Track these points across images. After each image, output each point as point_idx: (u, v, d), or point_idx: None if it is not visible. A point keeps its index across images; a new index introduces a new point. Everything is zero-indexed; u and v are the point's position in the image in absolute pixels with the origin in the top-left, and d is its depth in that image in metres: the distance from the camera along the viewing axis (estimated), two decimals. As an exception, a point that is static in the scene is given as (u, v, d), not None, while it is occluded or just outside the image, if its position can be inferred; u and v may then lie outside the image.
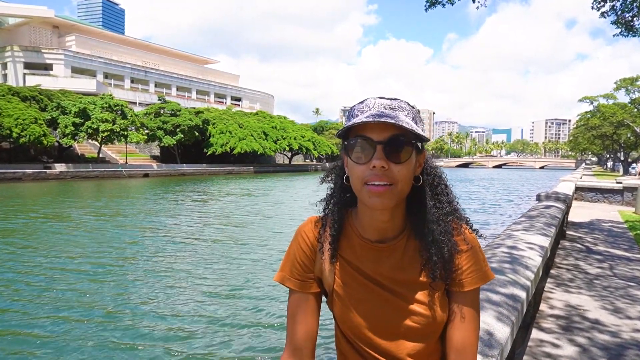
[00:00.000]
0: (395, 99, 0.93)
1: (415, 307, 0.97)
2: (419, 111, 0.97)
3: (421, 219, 0.98)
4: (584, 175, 24.50)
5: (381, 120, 0.85)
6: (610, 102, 48.25)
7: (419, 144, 0.93)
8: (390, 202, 0.90)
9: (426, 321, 0.96)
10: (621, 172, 45.41)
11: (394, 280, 0.99)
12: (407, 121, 0.89)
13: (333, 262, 1.03)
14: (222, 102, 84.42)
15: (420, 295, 0.97)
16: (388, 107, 0.91)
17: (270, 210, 18.59)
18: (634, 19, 8.55)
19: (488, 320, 1.72)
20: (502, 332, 1.66)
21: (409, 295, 0.98)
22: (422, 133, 0.90)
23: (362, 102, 0.95)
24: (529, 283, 2.38)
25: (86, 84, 59.33)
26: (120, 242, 11.47)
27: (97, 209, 18.54)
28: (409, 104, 0.94)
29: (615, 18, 8.66)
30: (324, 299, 1.10)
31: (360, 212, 1.01)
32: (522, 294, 2.14)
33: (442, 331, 1.01)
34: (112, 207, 19.25)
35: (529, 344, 3.09)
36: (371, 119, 0.86)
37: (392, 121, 0.85)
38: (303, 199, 22.91)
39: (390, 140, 0.88)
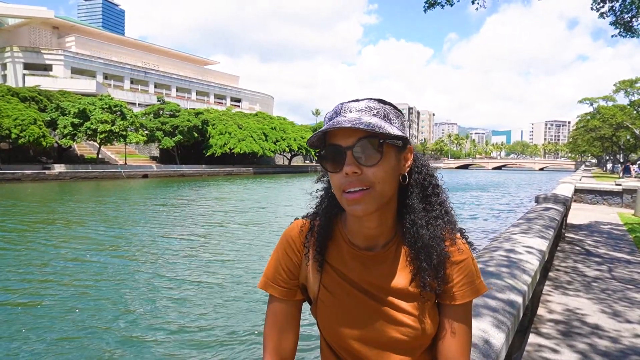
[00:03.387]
0: (364, 99, 0.89)
1: (404, 318, 0.93)
2: (394, 107, 0.90)
3: (411, 223, 0.93)
4: (583, 177, 24.49)
5: (336, 126, 0.82)
6: (610, 104, 48.28)
7: (398, 142, 0.88)
8: (370, 206, 0.85)
9: (415, 333, 0.92)
10: (620, 174, 45.45)
11: (383, 289, 0.94)
12: (368, 121, 0.83)
13: (320, 270, 0.99)
14: (222, 103, 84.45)
15: (410, 306, 0.93)
16: (354, 110, 0.87)
17: (262, 214, 17.90)
18: (633, 19, 8.54)
19: (483, 326, 1.68)
20: (497, 338, 1.63)
21: (398, 305, 0.93)
22: (391, 130, 0.85)
23: (333, 109, 0.91)
24: (526, 287, 2.34)
25: (86, 85, 59.37)
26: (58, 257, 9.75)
27: (59, 214, 16.71)
28: (380, 102, 0.89)
29: (614, 19, 8.65)
30: (306, 306, 1.06)
31: (348, 219, 0.97)
32: (519, 299, 2.10)
33: (430, 345, 0.97)
34: (79, 213, 17.34)
35: (527, 348, 3.05)
36: (326, 127, 0.84)
37: (349, 125, 0.81)
38: (298, 202, 21.93)
39: (357, 144, 0.84)
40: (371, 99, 0.90)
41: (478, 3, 8.60)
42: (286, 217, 16.54)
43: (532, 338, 3.24)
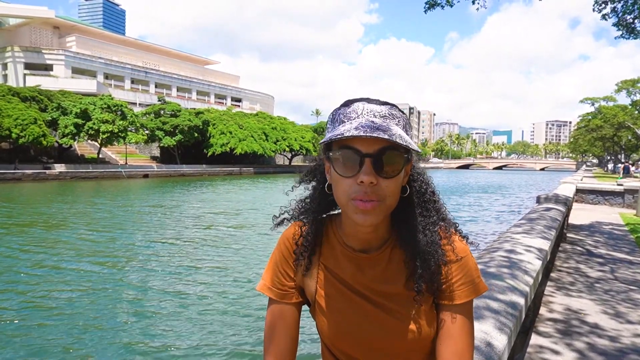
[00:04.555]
0: (385, 104, 0.85)
1: (399, 321, 0.91)
2: (407, 118, 0.89)
3: (407, 228, 0.91)
4: (584, 177, 24.44)
5: (373, 135, 0.76)
6: (611, 104, 48.25)
7: (409, 156, 0.86)
8: (377, 218, 0.83)
9: (411, 336, 0.90)
10: (622, 174, 45.46)
11: (378, 291, 0.93)
12: (399, 134, 0.80)
13: (315, 271, 0.98)
14: (223, 103, 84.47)
15: (405, 309, 0.91)
16: (379, 115, 0.82)
17: (258, 216, 17.15)
18: (635, 20, 8.50)
19: (485, 328, 1.66)
20: (500, 340, 1.60)
21: (393, 308, 0.92)
22: (414, 147, 0.82)
23: (348, 106, 0.86)
24: (527, 289, 2.31)
25: (86, 85, 59.40)
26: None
27: (43, 216, 15.89)
28: (399, 110, 0.86)
29: (617, 20, 8.61)
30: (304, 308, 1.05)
31: (343, 221, 0.94)
32: (521, 301, 2.07)
33: (431, 348, 0.94)
34: (65, 214, 16.45)
35: (529, 350, 3.03)
36: (362, 133, 0.76)
37: (386, 136, 0.76)
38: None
39: (380, 153, 0.80)
40: (391, 104, 0.86)
41: (478, 3, 8.56)
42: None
43: (534, 339, 3.21)
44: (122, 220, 15.70)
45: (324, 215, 1.00)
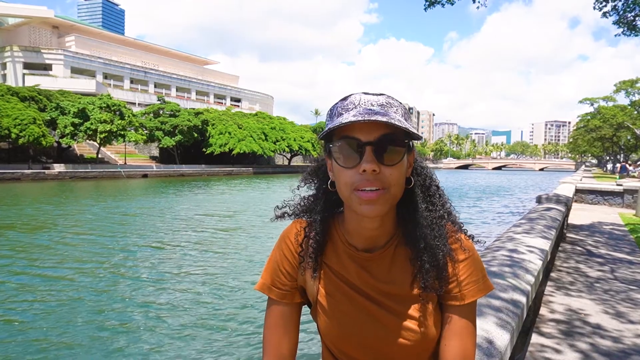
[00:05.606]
0: (382, 94, 0.84)
1: (404, 322, 0.89)
2: (406, 108, 0.87)
3: (413, 223, 0.89)
4: (583, 177, 24.45)
5: (371, 119, 0.75)
6: (610, 104, 48.36)
7: (410, 143, 0.85)
8: (383, 208, 0.81)
9: (416, 337, 0.88)
10: (619, 174, 45.59)
11: (382, 292, 0.91)
12: (398, 118, 0.80)
13: (317, 272, 0.95)
14: (222, 103, 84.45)
15: (411, 309, 0.89)
16: (376, 104, 0.81)
17: (255, 216, 16.77)
18: (636, 18, 8.50)
19: (487, 327, 1.65)
20: (502, 339, 1.59)
21: (398, 308, 0.90)
22: (414, 130, 0.82)
23: (345, 99, 0.85)
24: (529, 287, 2.30)
25: (85, 85, 59.36)
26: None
27: (25, 218, 15.20)
28: (397, 100, 0.85)
29: (617, 18, 8.61)
30: (305, 309, 1.03)
31: (347, 218, 0.92)
32: (523, 299, 2.06)
33: (435, 349, 0.93)
34: (50, 215, 15.89)
35: (529, 349, 3.01)
36: (360, 118, 0.76)
37: (384, 119, 0.76)
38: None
39: (380, 140, 0.79)
40: (387, 94, 0.85)
41: (479, 1, 8.54)
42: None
43: (535, 338, 3.20)
44: (110, 222, 14.88)
45: (326, 214, 0.98)
